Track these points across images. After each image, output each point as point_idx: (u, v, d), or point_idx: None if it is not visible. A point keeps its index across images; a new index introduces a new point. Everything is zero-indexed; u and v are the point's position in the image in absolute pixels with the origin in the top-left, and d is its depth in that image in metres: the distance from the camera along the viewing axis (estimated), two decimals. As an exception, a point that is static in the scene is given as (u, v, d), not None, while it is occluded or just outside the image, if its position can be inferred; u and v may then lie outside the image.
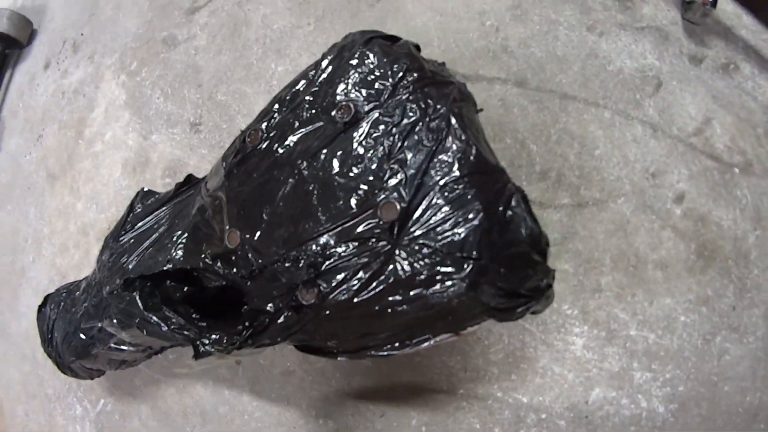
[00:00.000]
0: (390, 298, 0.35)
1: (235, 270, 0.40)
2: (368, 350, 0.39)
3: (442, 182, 0.34)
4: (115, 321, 0.50)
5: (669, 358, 0.57)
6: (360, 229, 0.35)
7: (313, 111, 0.40)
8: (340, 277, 0.35)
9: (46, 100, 0.78)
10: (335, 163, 0.37)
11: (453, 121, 0.36)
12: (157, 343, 0.56)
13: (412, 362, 0.56)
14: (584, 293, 0.56)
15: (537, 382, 0.56)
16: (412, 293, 0.34)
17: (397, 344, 0.39)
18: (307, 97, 0.40)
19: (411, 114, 0.37)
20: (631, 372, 0.56)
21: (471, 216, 0.33)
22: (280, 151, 0.40)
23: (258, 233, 0.39)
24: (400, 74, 0.38)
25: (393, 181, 0.35)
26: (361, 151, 0.37)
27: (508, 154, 0.55)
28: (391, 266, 0.34)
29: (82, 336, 0.57)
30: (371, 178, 0.36)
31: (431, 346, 0.40)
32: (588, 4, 0.61)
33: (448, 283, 0.33)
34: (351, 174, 0.37)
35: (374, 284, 0.35)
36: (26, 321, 0.75)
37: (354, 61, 0.39)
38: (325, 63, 0.41)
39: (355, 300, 0.35)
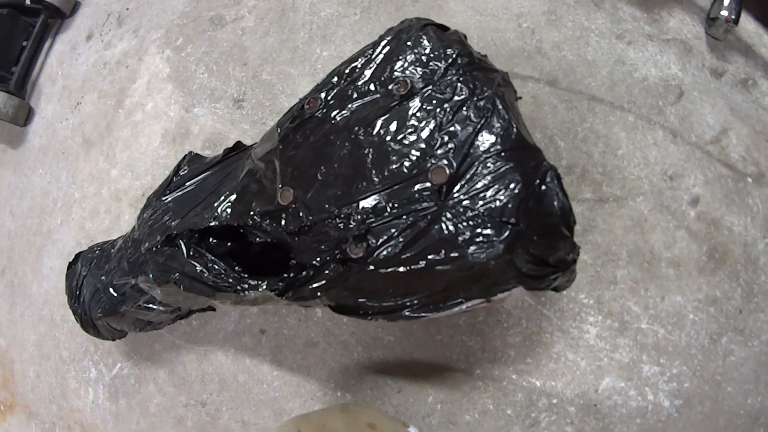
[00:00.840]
0: (432, 256, 0.39)
1: (284, 225, 0.45)
2: (404, 310, 0.45)
3: (486, 154, 0.40)
4: (151, 276, 0.55)
5: (677, 354, 0.62)
6: (411, 190, 0.40)
7: (371, 84, 0.45)
8: (388, 233, 0.40)
9: (87, 70, 0.84)
10: (390, 131, 0.43)
11: (498, 103, 0.42)
12: (187, 304, 0.61)
13: (433, 340, 0.61)
14: (600, 284, 0.62)
15: (551, 367, 0.61)
16: (453, 253, 0.39)
17: (431, 306, 0.44)
18: (365, 72, 0.46)
19: (460, 93, 0.42)
20: (641, 364, 0.61)
21: (511, 186, 0.39)
22: (338, 118, 0.45)
23: (311, 191, 0.44)
24: (453, 57, 0.44)
25: (443, 150, 0.40)
26: (414, 121, 0.42)
27: None
28: (436, 226, 0.39)
29: (113, 293, 0.61)
30: (423, 146, 0.41)
31: (462, 312, 0.46)
32: (619, 15, 0.67)
33: (488, 244, 0.38)
34: (405, 141, 0.42)
35: (420, 242, 0.39)
36: (47, 283, 0.80)
37: (410, 43, 0.45)
38: (383, 43, 0.46)
39: (401, 256, 0.40)
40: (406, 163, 0.41)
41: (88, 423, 0.72)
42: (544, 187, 0.40)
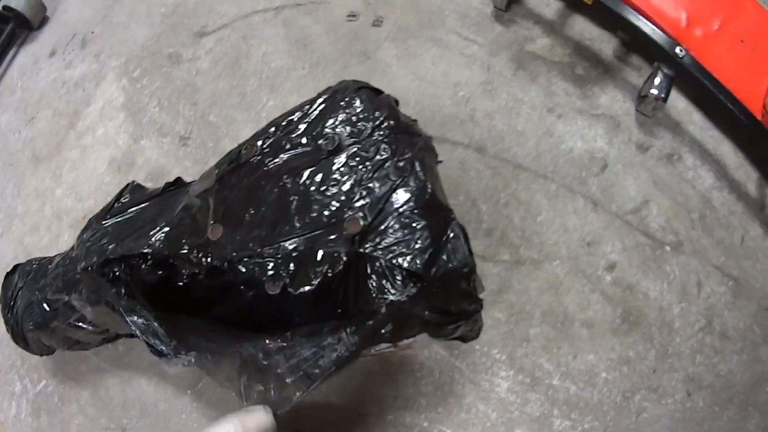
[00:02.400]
0: (342, 301, 0.47)
1: (210, 259, 0.53)
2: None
3: (399, 210, 0.48)
4: (84, 295, 0.63)
5: (589, 409, 0.71)
6: (327, 237, 0.48)
7: (303, 137, 0.54)
8: (303, 275, 0.48)
9: (46, 86, 0.93)
10: (315, 182, 0.51)
11: (416, 165, 0.50)
12: (115, 327, 0.69)
13: (348, 384, 0.70)
14: (513, 341, 0.71)
15: (462, 417, 0.70)
16: (361, 299, 0.47)
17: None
18: (300, 125, 0.55)
19: (383, 153, 0.51)
20: (552, 418, 0.70)
21: (419, 241, 0.46)
22: (270, 165, 0.54)
23: (239, 230, 0.52)
24: (380, 120, 0.53)
25: (360, 203, 0.49)
26: (338, 175, 0.51)
27: (460, 210, 0.70)
28: (347, 273, 0.47)
29: (46, 307, 0.68)
30: (343, 198, 0.49)
31: (372, 355, 0.55)
32: (552, 89, 0.79)
33: (393, 293, 0.46)
34: (327, 192, 0.50)
35: (331, 287, 0.47)
36: (-20, 295, 0.87)
37: (344, 103, 0.54)
38: (319, 100, 0.55)
39: (313, 298, 0.48)
40: (326, 213, 0.50)
41: (8, 437, 0.79)
42: (450, 245, 0.48)
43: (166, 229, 0.59)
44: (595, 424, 0.71)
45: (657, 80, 0.78)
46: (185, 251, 0.56)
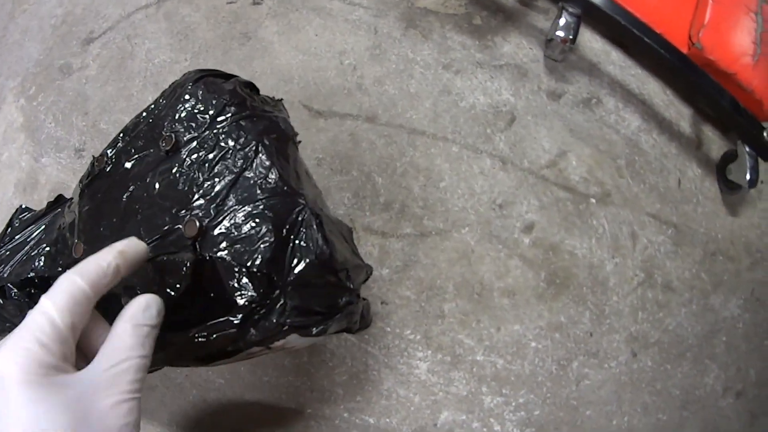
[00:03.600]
0: (195, 307, 0.46)
1: None
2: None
3: (242, 204, 0.45)
4: None
5: (521, 383, 0.69)
6: (169, 243, 0.47)
7: (146, 140, 0.52)
8: (152, 285, 0.46)
9: (-46, 119, 0.95)
10: (157, 186, 0.49)
11: (260, 150, 0.47)
12: None
13: (260, 381, 0.69)
14: (427, 319, 0.69)
15: (382, 403, 0.69)
16: (212, 304, 0.45)
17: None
18: (143, 128, 0.53)
19: (223, 144, 0.48)
20: (481, 396, 0.68)
21: (263, 236, 0.44)
22: (119, 174, 0.52)
23: (97, 244, 0.49)
24: (220, 108, 0.50)
25: (199, 202, 0.47)
26: (177, 176, 0.49)
27: (354, 186, 0.68)
28: (193, 278, 0.45)
29: None
30: (182, 199, 0.47)
31: (248, 358, 0.54)
32: (447, 44, 0.75)
33: (238, 297, 0.44)
34: (168, 195, 0.48)
35: (182, 293, 0.45)
36: None
37: (184, 97, 0.52)
38: (162, 98, 0.54)
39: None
40: (167, 218, 0.48)
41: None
42: (301, 235, 0.47)
43: (47, 250, 0.60)
44: (531, 396, 0.69)
45: (562, 21, 0.73)
46: (60, 270, 0.56)
